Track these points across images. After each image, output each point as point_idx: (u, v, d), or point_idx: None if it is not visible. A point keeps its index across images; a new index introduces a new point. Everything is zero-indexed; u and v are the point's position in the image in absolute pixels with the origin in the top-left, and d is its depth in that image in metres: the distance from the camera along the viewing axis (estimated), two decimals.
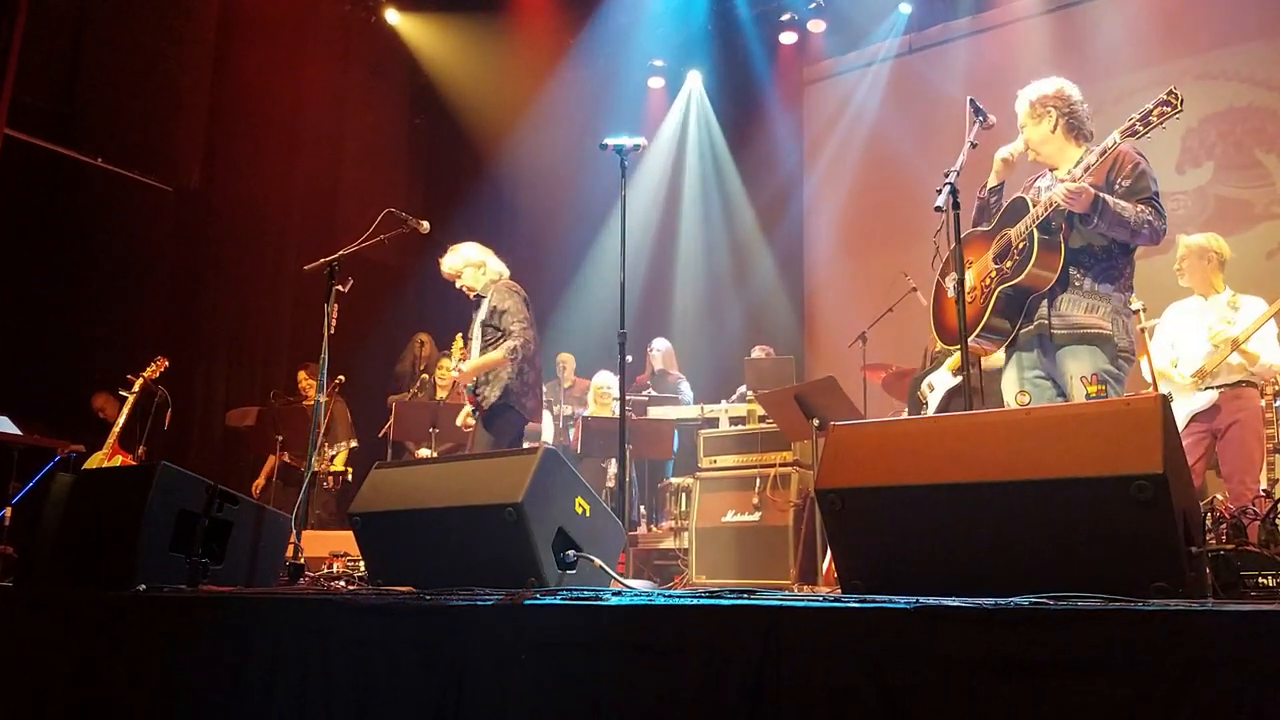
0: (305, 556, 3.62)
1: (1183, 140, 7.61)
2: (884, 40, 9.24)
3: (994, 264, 3.42)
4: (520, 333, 4.86)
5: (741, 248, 9.82)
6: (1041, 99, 3.47)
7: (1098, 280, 3.29)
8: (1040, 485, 1.90)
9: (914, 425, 2.27)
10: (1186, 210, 7.54)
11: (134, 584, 2.68)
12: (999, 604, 1.55)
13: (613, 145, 4.21)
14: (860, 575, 2.10)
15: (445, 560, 2.71)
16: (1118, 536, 1.81)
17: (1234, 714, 1.31)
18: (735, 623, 1.69)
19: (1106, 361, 3.22)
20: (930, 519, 2.02)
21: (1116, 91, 7.59)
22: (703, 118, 10.05)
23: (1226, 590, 1.92)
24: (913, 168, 8.24)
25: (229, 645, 2.30)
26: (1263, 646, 1.32)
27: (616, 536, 3.02)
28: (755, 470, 5.85)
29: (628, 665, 1.76)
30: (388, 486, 2.97)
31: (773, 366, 7.28)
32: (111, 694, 2.43)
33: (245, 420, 7.59)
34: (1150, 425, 1.85)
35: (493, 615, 1.95)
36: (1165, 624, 1.40)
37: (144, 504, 2.81)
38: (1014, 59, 8.23)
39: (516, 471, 2.62)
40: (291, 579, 3.37)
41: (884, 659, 1.54)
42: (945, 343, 3.62)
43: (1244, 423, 4.62)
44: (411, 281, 8.62)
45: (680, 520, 6.41)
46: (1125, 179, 3.27)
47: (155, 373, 6.31)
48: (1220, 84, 7.63)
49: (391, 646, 2.04)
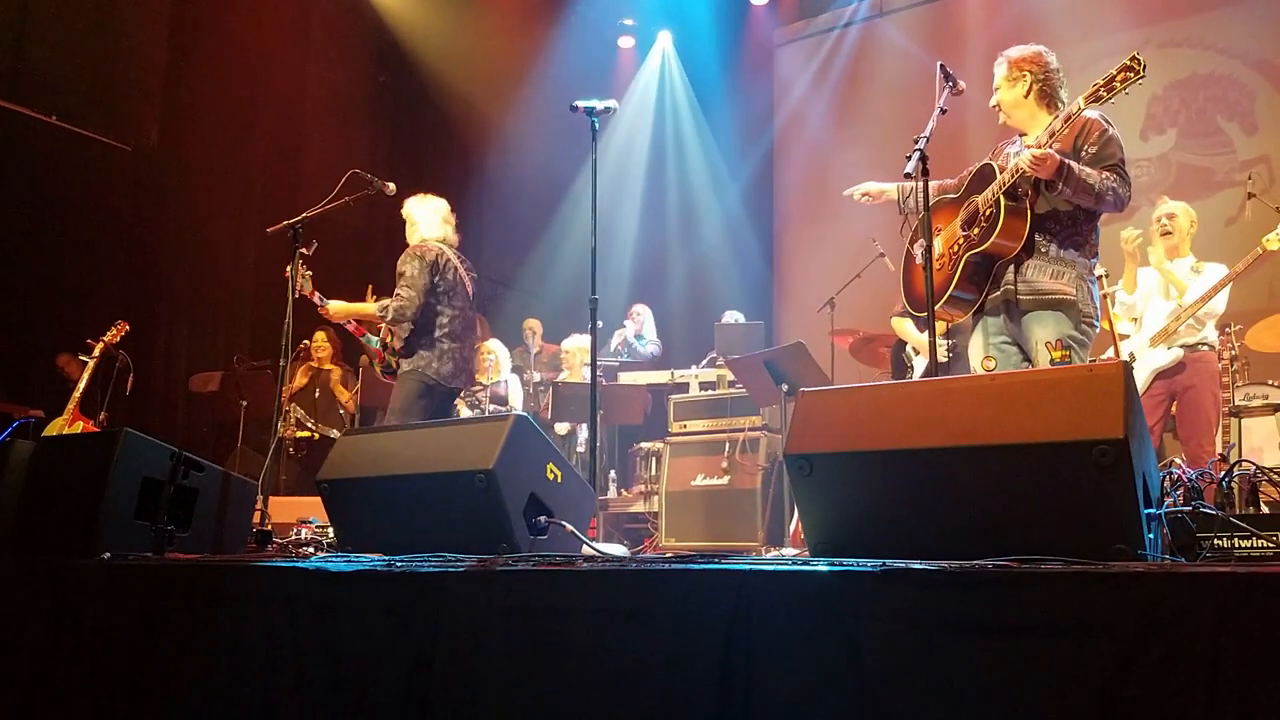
0: (272, 523, 3.60)
1: (1147, 108, 7.68)
2: (854, 3, 9.20)
3: (961, 231, 3.44)
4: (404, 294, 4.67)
5: (711, 212, 9.80)
6: (1020, 61, 3.47)
7: (1063, 246, 3.32)
8: (1004, 450, 1.93)
9: (881, 391, 2.29)
10: (1150, 177, 7.63)
11: (98, 552, 2.65)
12: (963, 566, 1.58)
13: (583, 107, 4.16)
14: (827, 539, 2.12)
15: (415, 527, 2.71)
16: (1079, 500, 1.85)
17: (1190, 670, 1.34)
18: (705, 587, 1.71)
19: (1071, 327, 3.26)
20: (896, 483, 2.05)
21: (1082, 58, 7.61)
22: (674, 78, 9.96)
23: (1183, 551, 1.97)
24: (882, 132, 8.25)
25: (196, 614, 2.29)
26: (1217, 605, 1.36)
27: (588, 501, 3.03)
28: (724, 435, 5.90)
29: (599, 630, 1.77)
30: (356, 453, 2.96)
31: (743, 332, 7.30)
32: (75, 665, 2.41)
33: (209, 385, 7.50)
34: (1112, 391, 1.88)
35: (463, 581, 1.96)
36: (1124, 584, 1.44)
37: (108, 471, 2.77)
38: (983, 24, 8.24)
39: (487, 438, 2.62)
40: (259, 546, 3.36)
41: (851, 621, 1.57)
42: (914, 310, 3.64)
43: (1200, 386, 4.73)
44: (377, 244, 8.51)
45: (650, 484, 6.45)
46: (1092, 145, 3.29)
47: (116, 337, 6.20)
48: (1184, 51, 7.69)
49: (362, 613, 2.04)
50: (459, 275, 4.89)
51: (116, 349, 6.22)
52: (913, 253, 3.59)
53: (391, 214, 5.12)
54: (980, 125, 3.71)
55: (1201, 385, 4.72)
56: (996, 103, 3.53)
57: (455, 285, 4.85)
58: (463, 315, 4.87)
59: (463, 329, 4.87)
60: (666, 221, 9.90)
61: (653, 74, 10.00)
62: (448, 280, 4.81)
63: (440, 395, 4.81)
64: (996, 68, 3.52)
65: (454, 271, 4.86)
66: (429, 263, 4.76)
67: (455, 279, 4.86)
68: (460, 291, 4.88)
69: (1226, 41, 7.53)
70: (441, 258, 4.83)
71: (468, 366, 4.94)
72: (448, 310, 4.79)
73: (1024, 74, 3.45)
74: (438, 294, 4.78)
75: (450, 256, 4.90)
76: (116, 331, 6.21)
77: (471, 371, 5.04)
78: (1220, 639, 1.33)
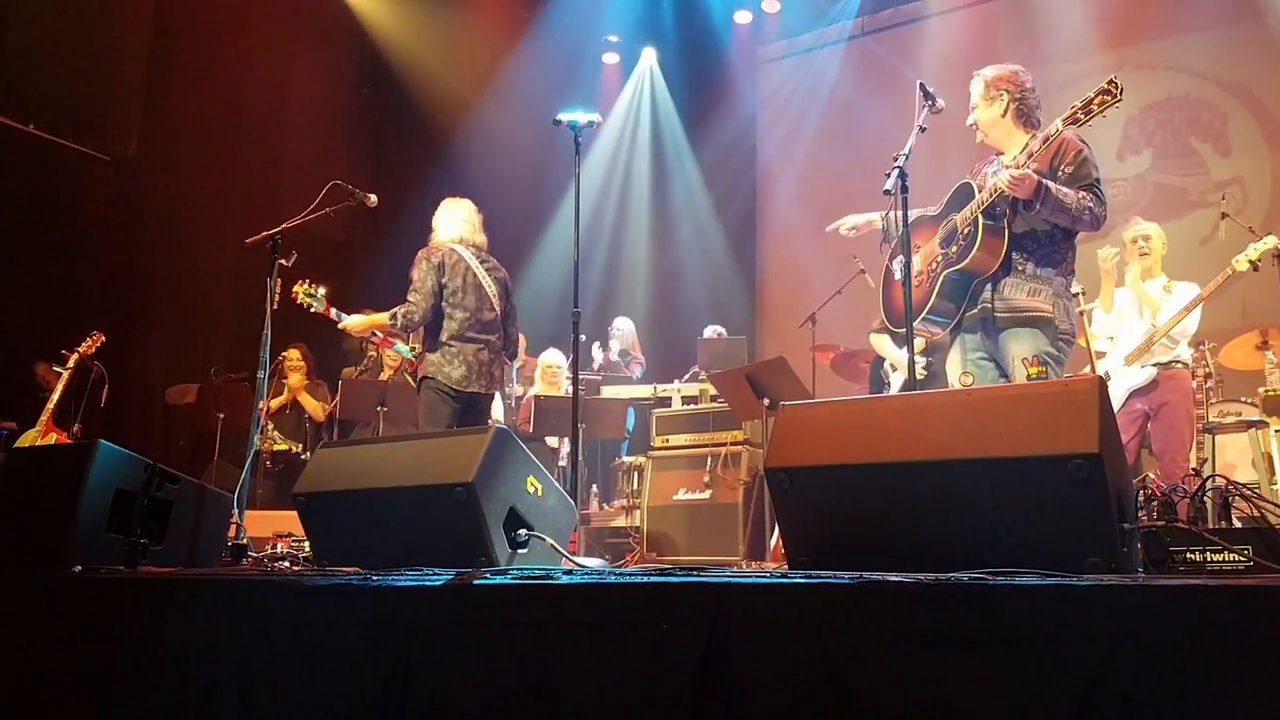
0: (248, 536, 3.57)
1: (1124, 128, 7.79)
2: (838, 21, 9.29)
3: (940, 248, 3.47)
4: (411, 299, 4.64)
5: (694, 227, 9.83)
6: (996, 81, 3.50)
7: (1040, 265, 3.35)
8: (981, 463, 1.95)
9: (860, 405, 2.30)
10: (1126, 196, 7.73)
11: (69, 566, 2.62)
12: (939, 579, 1.59)
13: (566, 121, 4.17)
14: (807, 551, 2.13)
15: (393, 541, 2.69)
16: (1055, 514, 1.86)
17: (1162, 682, 1.36)
18: (684, 600, 1.71)
19: (1047, 344, 3.29)
20: (875, 496, 2.06)
21: (1061, 78, 7.72)
22: (657, 95, 10.01)
23: (1157, 565, 1.98)
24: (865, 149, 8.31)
25: (169, 628, 2.26)
26: (1190, 618, 1.37)
27: (568, 515, 3.02)
28: (707, 449, 5.90)
29: (578, 644, 1.77)
30: (333, 466, 2.93)
31: (725, 347, 7.32)
32: (46, 679, 2.37)
33: (185, 398, 7.43)
34: (1087, 406, 1.90)
35: (442, 595, 1.95)
36: (1098, 597, 1.45)
37: (80, 483, 2.73)
38: (964, 44, 8.34)
39: (467, 451, 2.60)
40: (234, 560, 3.32)
41: (828, 633, 1.57)
42: (893, 325, 3.66)
43: (1175, 403, 4.78)
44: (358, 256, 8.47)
45: (632, 499, 6.44)
46: (1068, 165, 3.33)
47: (91, 348, 6.14)
48: (1160, 73, 7.81)
49: (338, 628, 2.02)
50: (472, 277, 4.78)
51: (92, 360, 6.16)
52: (892, 269, 3.62)
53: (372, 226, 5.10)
54: (961, 143, 3.74)
55: (1176, 401, 4.77)
56: (973, 122, 3.56)
57: (466, 287, 4.75)
58: (474, 317, 4.75)
59: (477, 331, 4.75)
60: (649, 236, 9.93)
61: (636, 90, 10.05)
62: (457, 281, 4.72)
63: (461, 403, 4.68)
64: (973, 86, 3.55)
65: (466, 272, 4.77)
66: (435, 264, 4.70)
67: (466, 280, 4.76)
68: (474, 293, 4.77)
69: (1201, 64, 7.66)
70: (450, 258, 4.75)
71: (486, 371, 4.75)
72: (457, 313, 4.70)
73: (1000, 93, 3.48)
74: (445, 295, 4.70)
75: (463, 256, 4.80)
76: (92, 342, 6.15)
77: (493, 375, 4.84)
78: (1192, 651, 1.35)
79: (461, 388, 4.65)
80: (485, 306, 4.81)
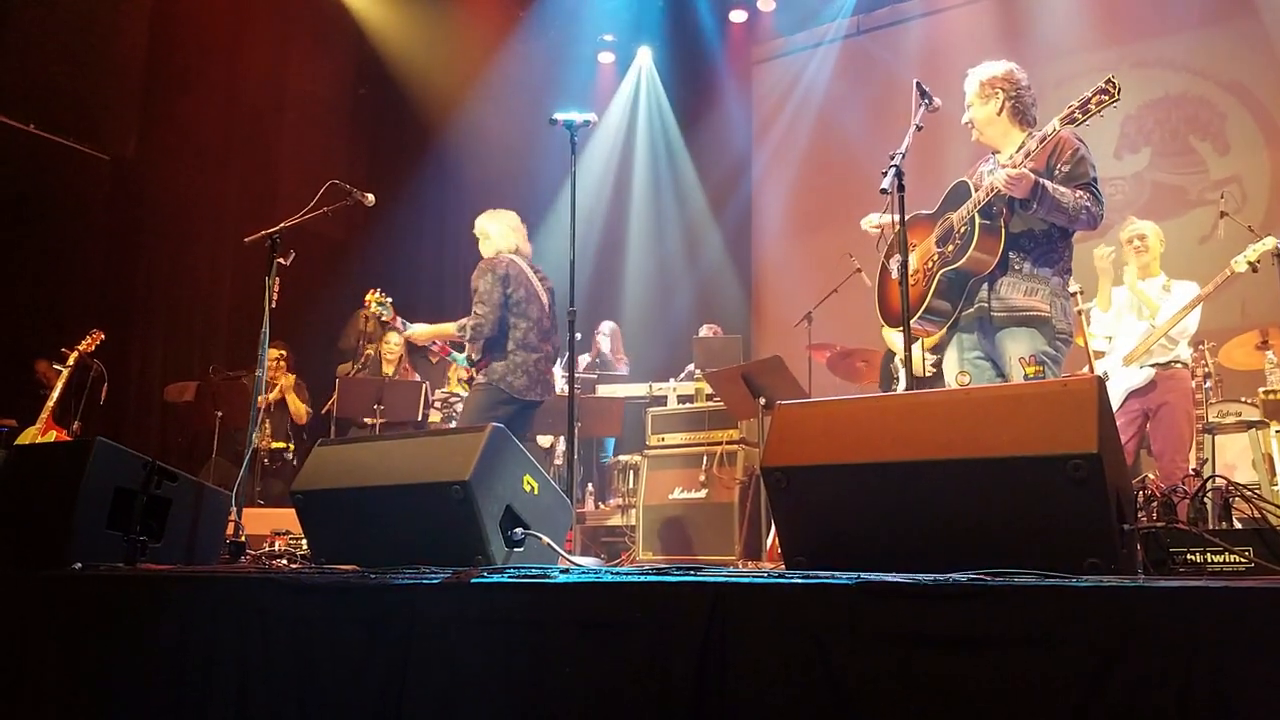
0: (246, 534, 3.57)
1: (1121, 127, 7.79)
2: (833, 20, 9.29)
3: (936, 247, 3.47)
4: (479, 311, 4.75)
5: (691, 226, 9.83)
6: (991, 80, 3.49)
7: (1037, 264, 3.35)
8: (979, 464, 1.94)
9: (856, 405, 2.30)
10: (1124, 195, 7.73)
11: (69, 563, 2.62)
12: (936, 580, 1.59)
13: (562, 120, 4.17)
14: (803, 552, 2.12)
15: (390, 539, 2.69)
16: (1053, 514, 1.86)
17: (1162, 684, 1.35)
18: (680, 599, 1.71)
19: (1045, 343, 3.29)
20: (872, 496, 2.05)
21: (1058, 76, 7.73)
22: (653, 94, 10.01)
23: (1156, 566, 1.98)
24: (860, 149, 8.32)
25: (167, 625, 2.26)
26: (1189, 620, 1.37)
27: (565, 514, 3.02)
28: (702, 448, 5.90)
29: (574, 643, 1.76)
30: (331, 464, 2.93)
31: (721, 345, 7.32)
32: (44, 676, 2.37)
33: (184, 395, 7.43)
34: (1086, 406, 1.90)
35: (439, 594, 1.94)
36: (1098, 599, 1.44)
37: (79, 480, 2.73)
38: (960, 42, 8.34)
39: (464, 449, 2.60)
40: (232, 557, 3.32)
41: (825, 634, 1.57)
42: (889, 324, 3.66)
43: (1174, 403, 4.78)
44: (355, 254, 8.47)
45: (628, 498, 6.44)
46: (1065, 164, 3.33)
47: (90, 346, 6.15)
48: (1157, 71, 7.82)
49: (335, 626, 2.02)
50: (532, 286, 4.90)
51: (91, 358, 6.17)
52: (888, 268, 3.62)
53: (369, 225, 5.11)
54: (960, 142, 3.74)
55: (1175, 401, 4.77)
56: (969, 120, 3.56)
57: (529, 297, 4.87)
58: (537, 326, 4.87)
59: (538, 340, 4.87)
60: (645, 235, 9.93)
61: (632, 89, 10.05)
62: (520, 292, 4.83)
63: (516, 408, 4.78)
64: (967, 86, 3.55)
65: (527, 282, 4.88)
66: (500, 275, 4.80)
67: (528, 290, 4.88)
68: (535, 302, 4.89)
69: (1199, 63, 7.66)
70: (513, 269, 4.86)
71: (543, 379, 4.90)
72: (521, 322, 4.80)
73: (995, 92, 3.48)
74: (510, 306, 4.79)
75: (523, 267, 4.92)
76: (91, 340, 6.15)
77: (548, 383, 4.97)
78: (1193, 653, 1.34)
79: (524, 396, 4.77)
80: (544, 315, 4.95)
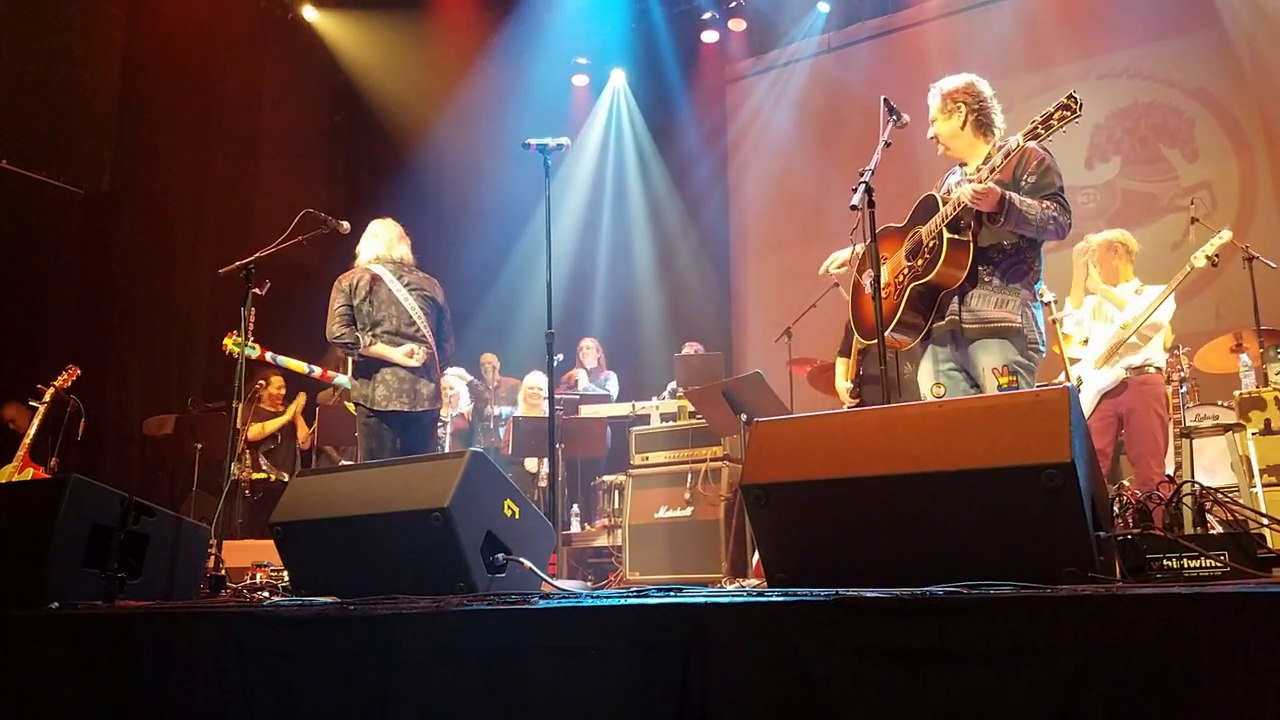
0: (227, 567, 3.54)
1: (1091, 136, 7.89)
2: (802, 39, 9.39)
3: (906, 261, 3.49)
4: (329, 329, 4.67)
5: (668, 245, 9.88)
6: (952, 93, 3.52)
7: (1006, 276, 3.37)
8: (954, 476, 1.95)
9: (833, 420, 2.31)
10: (1096, 204, 7.82)
11: (46, 602, 2.59)
12: (914, 594, 1.59)
13: (535, 145, 4.19)
14: (784, 568, 2.13)
15: (372, 568, 2.67)
16: (1029, 524, 1.87)
17: (1141, 691, 1.36)
18: (661, 621, 1.70)
19: (1016, 353, 3.31)
20: (850, 511, 2.06)
21: (1025, 89, 7.83)
22: (627, 115, 10.08)
23: (1133, 574, 1.99)
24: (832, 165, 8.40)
25: (146, 661, 2.23)
26: (1166, 627, 1.37)
27: (547, 537, 3.01)
28: (687, 466, 5.90)
29: (555, 669, 1.76)
30: (310, 494, 2.91)
31: (702, 363, 7.34)
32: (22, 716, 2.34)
33: (163, 429, 7.38)
34: (1059, 415, 1.91)
35: (418, 624, 1.93)
36: (1074, 608, 1.45)
37: (54, 518, 2.71)
38: (928, 58, 8.44)
39: (443, 476, 2.59)
40: (212, 591, 3.29)
41: (805, 651, 1.57)
42: (864, 337, 3.68)
43: (1141, 410, 4.80)
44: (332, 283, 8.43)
45: (613, 518, 6.42)
46: (1031, 175, 3.35)
47: (67, 382, 6.10)
48: (1124, 81, 7.93)
49: (315, 658, 2.00)
50: (388, 295, 4.71)
51: (68, 394, 6.11)
52: (861, 282, 3.64)
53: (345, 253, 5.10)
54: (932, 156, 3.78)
55: (1144, 407, 4.79)
56: (934, 134, 3.59)
57: (386, 306, 4.68)
58: (395, 337, 4.67)
59: None
60: (623, 256, 9.96)
61: (606, 111, 10.11)
62: (372, 302, 4.67)
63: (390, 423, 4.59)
64: (930, 100, 3.58)
65: (383, 292, 4.70)
66: (342, 288, 4.70)
67: (382, 300, 4.69)
68: (393, 311, 4.69)
69: (1165, 71, 7.78)
70: (361, 279, 4.70)
71: (407, 388, 4.62)
72: (372, 334, 4.65)
73: (959, 105, 3.51)
74: (361, 318, 4.65)
75: (380, 274, 4.73)
76: (68, 376, 6.11)
77: (419, 393, 4.67)
78: (1169, 660, 1.35)
79: (384, 407, 4.57)
80: (407, 323, 4.72)
